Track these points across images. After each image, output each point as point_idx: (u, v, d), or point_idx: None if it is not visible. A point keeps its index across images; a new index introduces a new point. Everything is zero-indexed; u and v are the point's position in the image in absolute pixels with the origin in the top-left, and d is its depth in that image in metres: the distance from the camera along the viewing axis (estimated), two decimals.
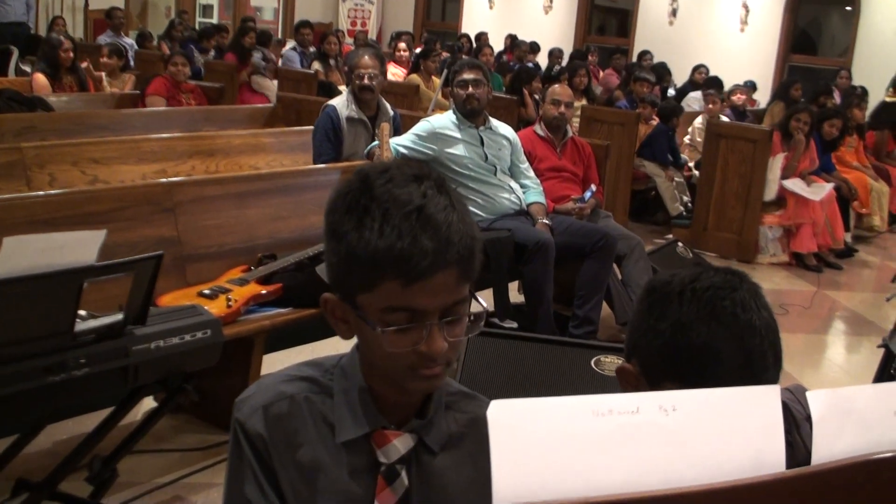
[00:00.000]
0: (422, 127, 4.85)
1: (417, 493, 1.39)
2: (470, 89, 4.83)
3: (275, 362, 4.02)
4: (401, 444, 1.38)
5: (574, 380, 3.52)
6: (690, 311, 1.37)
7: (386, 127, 4.06)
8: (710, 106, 8.63)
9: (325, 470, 1.37)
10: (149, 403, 3.30)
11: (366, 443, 1.38)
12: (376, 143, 4.63)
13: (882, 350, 3.73)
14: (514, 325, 4.78)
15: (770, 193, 7.33)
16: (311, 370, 1.44)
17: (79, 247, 2.13)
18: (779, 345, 1.42)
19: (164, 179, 4.45)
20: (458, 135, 4.84)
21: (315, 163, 5.04)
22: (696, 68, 11.55)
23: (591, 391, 3.23)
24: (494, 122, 5.05)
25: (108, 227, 3.51)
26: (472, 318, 1.33)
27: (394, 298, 1.25)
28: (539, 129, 5.49)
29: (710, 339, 1.34)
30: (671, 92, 11.22)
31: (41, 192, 3.77)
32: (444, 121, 4.89)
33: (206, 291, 3.67)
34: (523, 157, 5.15)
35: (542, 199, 5.04)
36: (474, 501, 1.45)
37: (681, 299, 1.39)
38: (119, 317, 2.36)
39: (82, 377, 2.28)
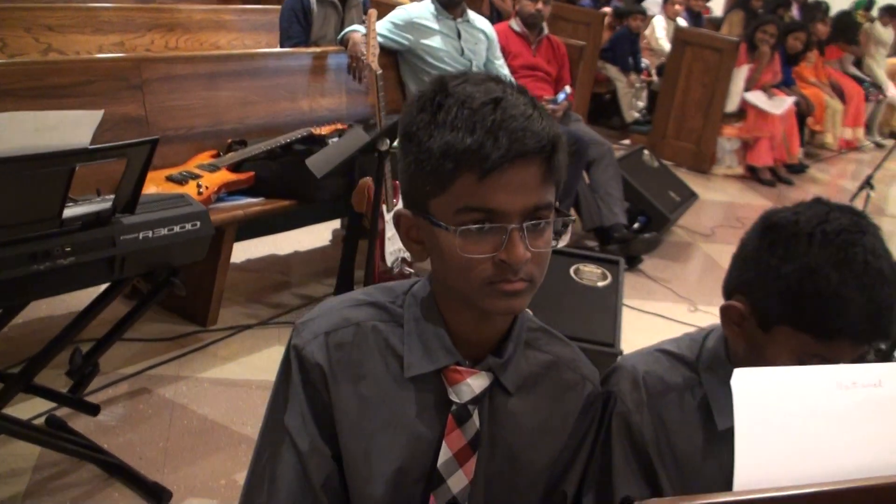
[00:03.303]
0: (399, 15, 4.64)
1: (488, 435, 1.30)
2: None
3: (242, 250, 3.90)
4: (475, 383, 1.27)
5: (554, 288, 3.46)
6: (820, 255, 1.27)
7: (374, 14, 3.85)
8: (675, 7, 8.49)
9: (389, 405, 1.27)
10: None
11: (436, 379, 1.27)
12: (353, 28, 4.41)
13: None
14: None
15: (731, 105, 7.30)
16: (380, 295, 1.32)
17: (73, 128, 1.94)
18: None
19: (131, 54, 4.20)
20: (435, 26, 4.64)
21: (282, 45, 4.80)
22: None
23: (572, 299, 3.18)
24: (472, 14, 4.86)
25: (72, 103, 3.35)
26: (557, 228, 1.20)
27: (469, 196, 1.12)
28: (515, 24, 5.31)
29: (840, 286, 1.25)
30: None
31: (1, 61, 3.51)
32: (421, 10, 4.68)
33: (175, 175, 3.50)
34: (499, 54, 4.99)
35: None
36: (547, 448, 1.38)
37: (810, 241, 1.28)
38: (107, 204, 2.20)
39: (67, 266, 2.12)
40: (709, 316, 4.38)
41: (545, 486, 1.39)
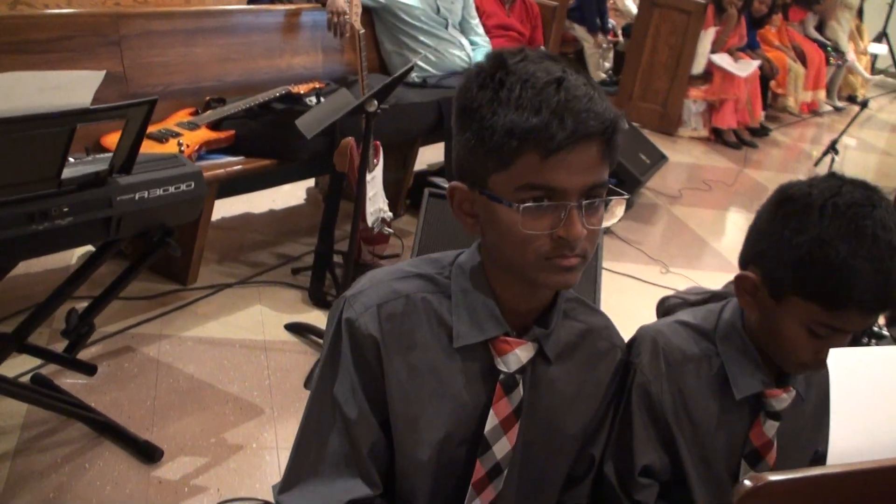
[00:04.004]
0: None
1: (529, 402, 1.34)
2: None
3: (217, 208, 3.88)
4: (522, 353, 1.31)
5: None
6: (832, 226, 1.32)
7: None
8: None
9: (438, 374, 1.30)
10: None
11: (483, 349, 1.31)
12: None
13: None
14: None
15: (698, 67, 7.35)
16: (427, 267, 1.35)
17: (75, 88, 1.93)
18: None
19: (109, 9, 4.12)
20: None
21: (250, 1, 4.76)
22: None
23: None
24: None
25: (50, 58, 3.30)
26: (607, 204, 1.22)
27: (531, 174, 1.15)
28: None
29: (849, 257, 1.30)
30: None
31: None
32: None
33: (155, 133, 3.47)
34: (474, 13, 4.98)
35: None
36: (581, 413, 1.43)
37: (822, 213, 1.33)
38: (104, 165, 2.19)
39: (65, 226, 2.12)
40: (680, 278, 4.46)
41: (577, 450, 1.44)
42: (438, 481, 1.35)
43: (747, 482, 0.88)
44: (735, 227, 5.60)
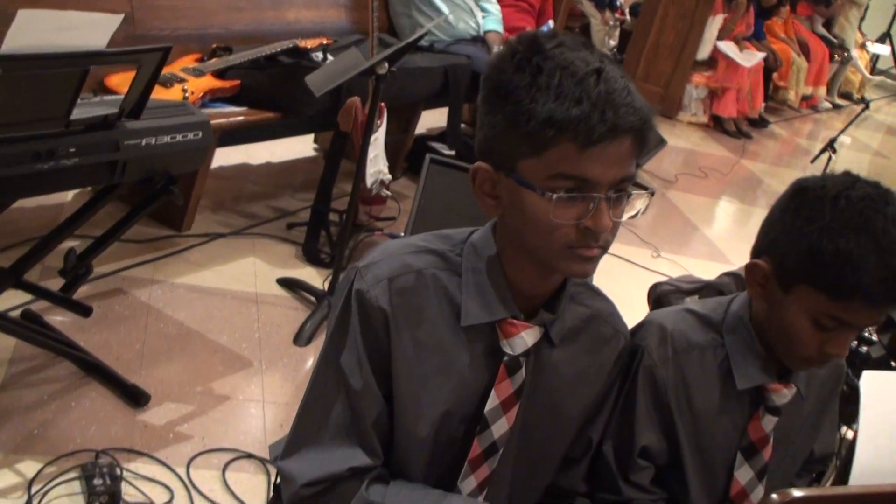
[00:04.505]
0: None
1: (530, 384, 1.36)
2: None
3: (219, 156, 3.87)
4: (529, 336, 1.32)
5: None
6: (842, 217, 1.34)
7: None
8: None
9: (443, 351, 1.31)
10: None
11: (490, 329, 1.32)
12: None
13: None
14: (452, 152, 4.74)
15: (703, 53, 7.35)
16: (439, 243, 1.35)
17: (92, 29, 1.92)
18: None
19: None
20: None
21: None
22: None
23: None
24: None
25: None
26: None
27: (566, 164, 1.15)
28: None
29: (856, 248, 1.32)
30: None
31: None
32: None
33: (160, 77, 3.44)
34: None
35: (500, 27, 4.89)
36: (582, 397, 1.45)
37: (834, 204, 1.36)
38: (114, 108, 2.18)
39: (70, 167, 2.11)
40: (671, 264, 4.49)
41: (575, 433, 1.47)
42: (434, 457, 1.36)
43: (774, 496, 0.89)
44: (727, 217, 5.63)
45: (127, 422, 2.53)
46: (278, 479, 1.55)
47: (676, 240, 4.95)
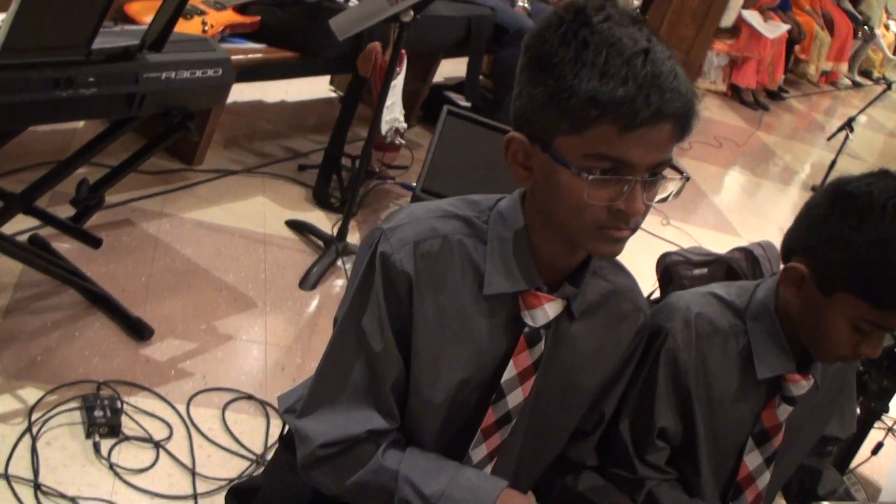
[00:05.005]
0: None
1: (548, 357, 1.35)
2: None
3: (233, 92, 3.83)
4: (551, 309, 1.30)
5: None
6: (892, 227, 1.32)
7: None
8: None
9: (463, 319, 1.29)
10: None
11: (511, 299, 1.30)
12: None
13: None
14: (468, 104, 4.69)
15: (727, 20, 7.25)
16: (466, 208, 1.32)
17: None
18: None
19: None
20: None
21: None
22: None
23: None
24: None
25: None
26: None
27: (605, 145, 1.12)
28: None
29: None
30: None
31: None
32: None
33: None
34: None
35: None
36: (598, 371, 1.44)
37: (883, 213, 1.33)
38: (136, 40, 2.14)
39: (88, 96, 2.08)
40: (680, 232, 4.47)
41: (588, 407, 1.46)
42: (447, 423, 1.36)
43: None
44: (737, 187, 5.60)
45: (129, 355, 2.53)
46: (285, 430, 1.55)
47: (687, 208, 4.92)
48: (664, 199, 1.22)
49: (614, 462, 1.53)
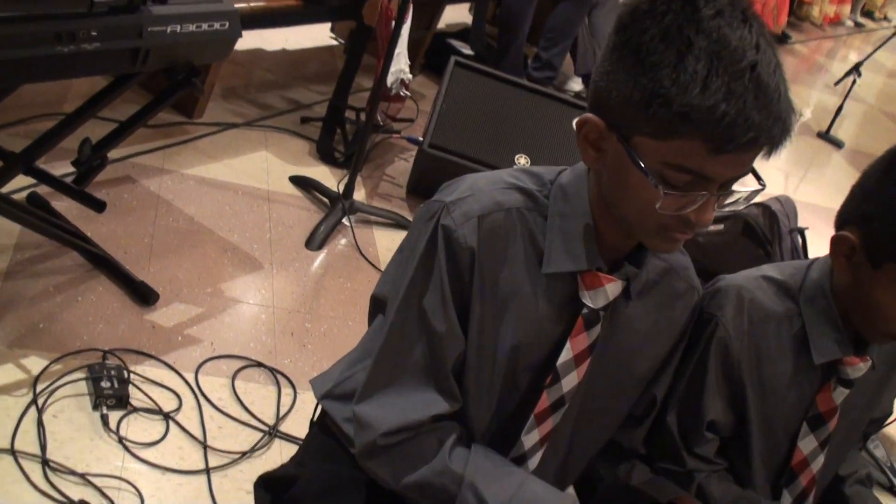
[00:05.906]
0: None
1: (605, 337, 1.28)
2: None
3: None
4: (611, 290, 1.24)
5: (556, 136, 3.41)
6: None
7: None
8: None
9: (521, 295, 1.23)
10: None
11: (570, 278, 1.23)
12: None
13: None
14: (472, 52, 4.57)
15: None
16: (528, 180, 1.25)
17: None
18: None
19: None
20: None
21: None
22: None
23: (574, 150, 3.10)
24: None
25: None
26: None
27: (689, 159, 1.06)
28: None
29: None
30: None
31: None
32: None
33: None
34: None
35: None
36: (651, 352, 1.38)
37: None
38: None
39: (91, 51, 1.96)
40: None
41: (641, 390, 1.39)
42: (500, 407, 1.30)
43: None
44: None
45: (134, 321, 2.43)
46: (318, 412, 1.46)
47: None
48: (732, 205, 1.15)
49: (662, 455, 1.46)
